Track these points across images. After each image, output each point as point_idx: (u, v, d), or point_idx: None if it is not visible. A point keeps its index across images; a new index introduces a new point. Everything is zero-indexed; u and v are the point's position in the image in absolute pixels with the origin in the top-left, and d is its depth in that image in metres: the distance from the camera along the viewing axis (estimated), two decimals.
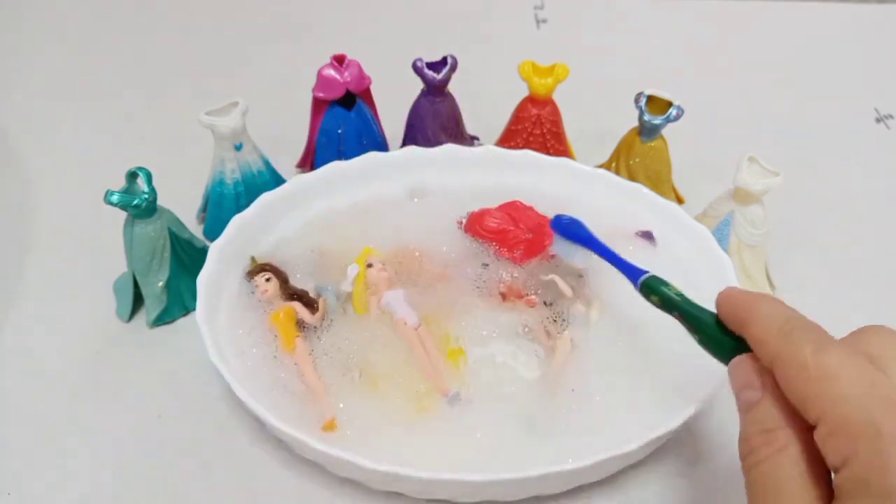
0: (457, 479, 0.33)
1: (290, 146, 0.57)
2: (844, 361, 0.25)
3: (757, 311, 0.29)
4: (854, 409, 0.23)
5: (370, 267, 0.43)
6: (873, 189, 0.58)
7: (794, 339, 0.26)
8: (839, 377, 0.24)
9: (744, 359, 0.28)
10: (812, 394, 0.25)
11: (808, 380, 0.25)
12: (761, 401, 0.27)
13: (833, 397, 0.24)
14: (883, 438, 0.22)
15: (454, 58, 0.51)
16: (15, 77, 0.69)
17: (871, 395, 0.24)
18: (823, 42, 0.75)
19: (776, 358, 0.26)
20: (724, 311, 0.30)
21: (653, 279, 0.35)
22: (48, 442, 0.40)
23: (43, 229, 0.53)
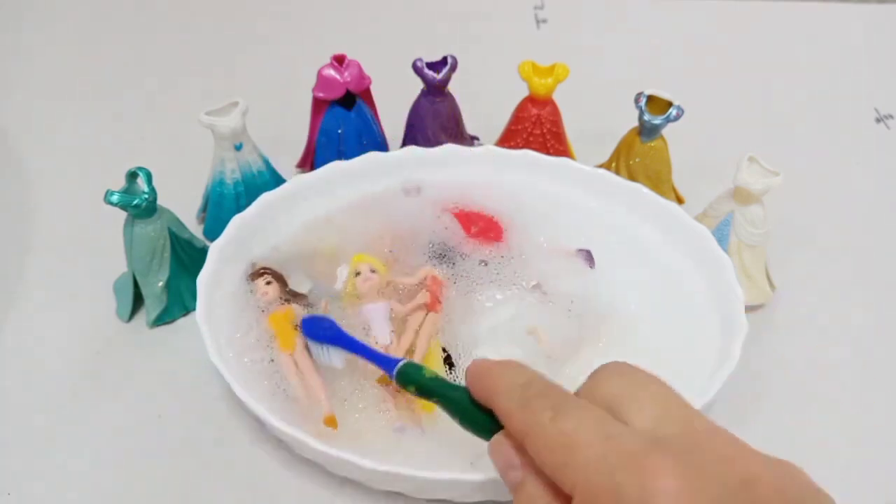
0: (457, 479, 0.33)
1: (290, 146, 0.57)
2: (581, 423, 0.25)
3: (499, 381, 0.28)
4: (596, 474, 0.23)
5: (357, 275, 0.43)
6: (873, 189, 0.58)
7: (534, 407, 0.26)
8: (578, 442, 0.24)
9: (500, 438, 0.28)
10: (560, 465, 0.24)
11: (553, 451, 0.25)
12: (524, 480, 0.26)
13: (576, 466, 0.24)
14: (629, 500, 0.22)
15: (454, 58, 0.51)
16: (15, 77, 0.68)
17: (609, 454, 0.23)
18: (823, 42, 0.75)
19: (521, 432, 0.26)
20: (472, 385, 0.29)
21: (409, 366, 0.34)
22: (48, 442, 0.40)
23: (43, 229, 0.53)
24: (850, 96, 0.68)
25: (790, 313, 0.48)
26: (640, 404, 0.26)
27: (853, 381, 0.44)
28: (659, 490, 0.22)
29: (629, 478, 0.23)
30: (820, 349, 0.46)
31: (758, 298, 0.47)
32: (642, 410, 0.25)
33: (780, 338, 0.46)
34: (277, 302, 0.42)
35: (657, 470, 0.22)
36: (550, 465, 0.25)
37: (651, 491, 0.22)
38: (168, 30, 0.75)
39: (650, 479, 0.22)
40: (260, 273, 0.43)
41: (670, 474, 0.22)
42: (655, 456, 0.23)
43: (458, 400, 0.30)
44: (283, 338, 0.40)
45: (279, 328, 0.41)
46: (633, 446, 0.24)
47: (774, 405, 0.42)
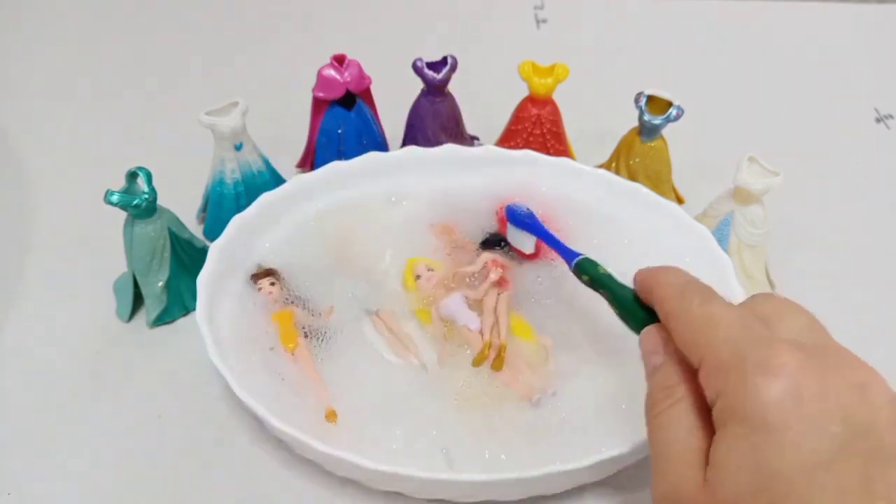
0: (457, 479, 0.33)
1: (290, 146, 0.57)
2: (725, 310, 0.27)
3: (661, 277, 0.31)
4: (728, 346, 0.26)
5: (418, 278, 0.44)
6: (873, 189, 0.58)
7: (686, 295, 0.29)
8: (718, 323, 0.27)
9: (651, 328, 0.30)
10: (695, 340, 0.27)
11: (693, 328, 0.27)
12: (664, 363, 0.29)
13: (712, 340, 0.26)
14: (747, 368, 0.24)
15: (454, 58, 0.51)
16: (15, 77, 0.69)
17: (743, 335, 0.26)
18: (823, 42, 0.75)
19: (670, 313, 0.29)
20: (639, 279, 0.32)
21: (585, 261, 0.38)
22: (48, 442, 0.40)
23: (43, 229, 0.53)
24: (850, 96, 0.68)
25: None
26: (786, 321, 0.27)
27: None
28: (780, 364, 0.24)
29: (756, 351, 0.25)
30: None
31: None
32: (788, 325, 0.27)
33: None
34: (281, 302, 0.43)
35: (783, 350, 0.24)
36: (688, 340, 0.27)
37: (773, 363, 0.24)
38: (168, 30, 0.75)
39: (775, 354, 0.24)
40: (265, 273, 0.43)
41: (794, 355, 0.24)
42: (784, 344, 0.25)
43: (622, 295, 0.34)
44: (286, 336, 0.41)
45: (282, 326, 0.41)
46: (765, 333, 0.26)
47: None
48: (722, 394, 0.25)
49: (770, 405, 0.23)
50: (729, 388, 0.24)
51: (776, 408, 0.23)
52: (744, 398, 0.24)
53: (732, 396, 0.24)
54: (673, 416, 0.27)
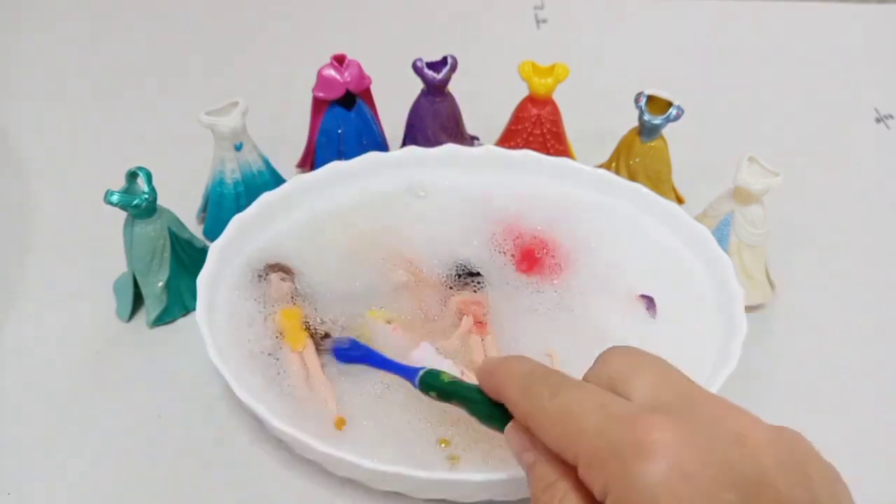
0: (457, 479, 0.33)
1: (290, 146, 0.57)
2: (577, 396, 0.26)
3: (503, 374, 0.30)
4: (594, 437, 0.25)
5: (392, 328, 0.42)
6: (873, 189, 0.58)
7: (534, 391, 0.28)
8: (575, 413, 0.26)
9: (513, 425, 0.29)
10: (561, 437, 0.26)
11: (553, 425, 0.26)
12: (536, 460, 0.28)
13: (576, 434, 0.25)
14: (624, 456, 0.23)
15: (454, 58, 0.51)
16: (15, 77, 0.68)
17: (606, 420, 0.25)
18: (823, 42, 0.75)
19: (526, 416, 0.28)
20: (482, 382, 0.31)
21: (428, 374, 0.35)
22: (48, 442, 0.40)
23: (43, 229, 0.53)
24: (850, 96, 0.68)
25: (790, 313, 0.48)
26: (639, 379, 0.27)
27: (853, 380, 0.44)
28: (654, 442, 0.23)
29: (625, 435, 0.24)
30: (820, 349, 0.46)
31: (758, 298, 0.47)
32: (642, 384, 0.26)
33: (780, 338, 0.46)
34: (288, 299, 0.43)
35: (651, 426, 0.24)
36: (553, 439, 0.26)
37: (646, 444, 0.23)
38: (168, 30, 0.75)
39: (644, 433, 0.23)
40: (278, 267, 0.44)
41: (664, 428, 0.23)
42: (649, 415, 0.24)
43: (475, 399, 0.32)
44: (292, 337, 0.41)
45: (289, 327, 0.41)
46: (627, 410, 0.25)
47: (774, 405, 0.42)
48: (609, 489, 0.24)
49: (659, 490, 0.22)
50: (614, 482, 0.24)
51: (666, 491, 0.22)
52: (631, 489, 0.23)
53: (620, 490, 0.23)
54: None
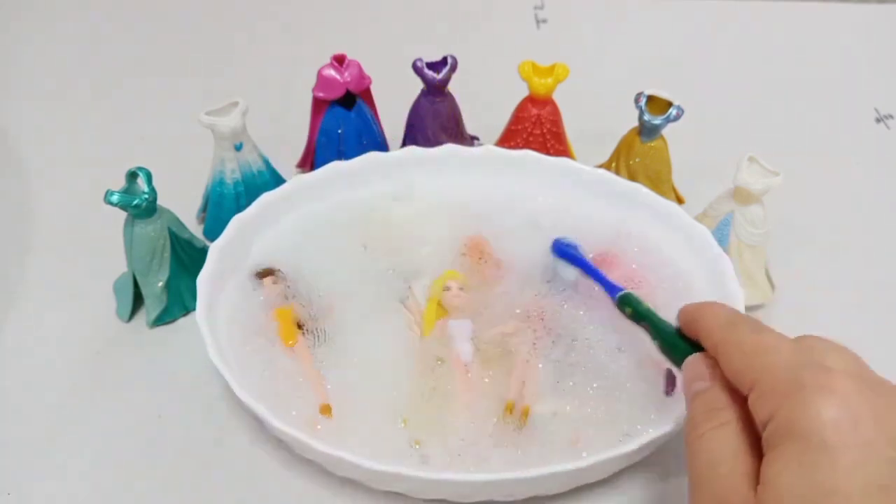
0: (457, 479, 0.33)
1: (290, 146, 0.57)
2: (778, 339, 0.28)
3: (708, 310, 0.32)
4: (782, 371, 0.26)
5: (447, 290, 0.43)
6: (873, 189, 0.58)
7: (738, 325, 0.30)
8: (770, 350, 0.27)
9: (696, 356, 0.31)
10: (748, 365, 0.27)
11: (745, 355, 0.28)
12: (710, 387, 0.29)
13: (765, 366, 0.27)
14: (805, 389, 0.25)
15: (454, 58, 0.51)
16: (15, 77, 0.69)
17: (800, 361, 0.26)
18: (823, 42, 0.75)
19: (720, 343, 0.29)
20: (684, 312, 0.33)
21: (628, 295, 0.39)
22: (48, 442, 0.40)
23: (43, 229, 0.53)
24: (850, 96, 0.68)
25: (790, 313, 0.48)
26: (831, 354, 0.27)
27: None
28: (835, 388, 0.24)
29: (811, 376, 0.25)
30: None
31: (758, 298, 0.47)
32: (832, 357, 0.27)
33: None
34: (282, 299, 0.43)
35: (837, 377, 0.25)
36: (739, 367, 0.28)
37: (831, 387, 0.24)
38: (168, 30, 0.75)
39: (829, 380, 0.25)
40: (267, 273, 0.44)
41: (848, 382, 0.25)
42: (840, 372, 0.25)
43: (664, 328, 0.35)
44: (285, 332, 0.41)
45: (283, 322, 0.41)
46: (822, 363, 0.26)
47: None
48: (776, 414, 0.25)
49: (828, 425, 0.23)
50: (784, 408, 0.25)
51: (835, 428, 0.23)
52: (801, 417, 0.24)
53: (789, 416, 0.24)
54: (719, 437, 0.27)
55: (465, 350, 0.41)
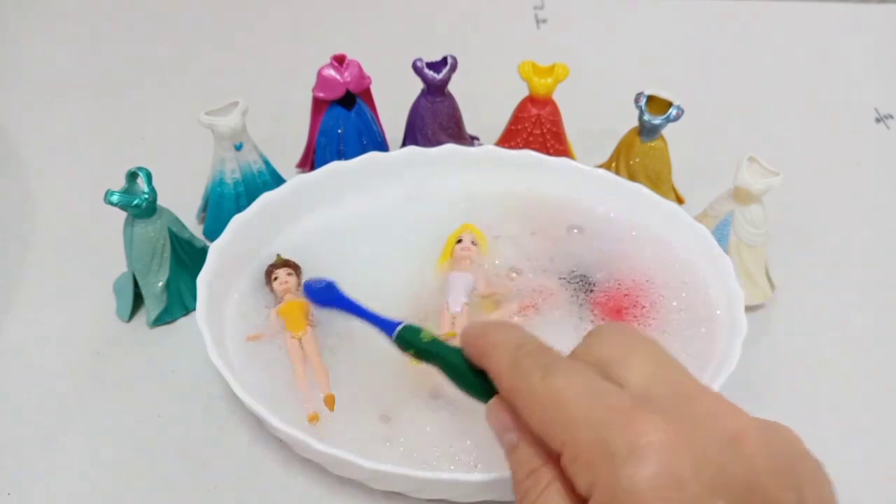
0: (457, 479, 0.33)
1: (290, 146, 0.57)
2: (570, 381, 0.25)
3: (492, 343, 0.28)
4: (583, 430, 0.23)
5: (459, 242, 0.45)
6: (873, 189, 0.58)
7: (524, 368, 0.26)
8: (566, 400, 0.24)
9: (496, 402, 0.28)
10: (548, 422, 0.24)
11: (542, 409, 0.25)
12: (519, 442, 0.26)
13: (564, 422, 0.24)
14: (613, 458, 0.22)
15: (454, 58, 0.51)
16: (15, 77, 0.69)
17: (596, 410, 0.23)
18: (823, 42, 0.75)
19: (511, 392, 0.26)
20: (466, 346, 0.29)
21: (406, 329, 0.33)
22: (48, 442, 0.40)
23: (43, 229, 0.53)
24: (850, 96, 0.68)
25: (790, 313, 0.48)
26: (632, 365, 0.25)
27: (853, 380, 0.44)
28: (645, 444, 0.22)
29: (616, 433, 0.23)
30: (820, 349, 0.46)
31: (758, 298, 0.47)
32: (634, 370, 0.25)
33: (780, 338, 0.46)
34: (294, 292, 0.43)
35: (644, 425, 0.22)
36: (539, 423, 0.25)
37: (638, 445, 0.22)
38: (168, 30, 0.75)
39: (637, 434, 0.22)
40: (283, 264, 0.44)
41: (657, 429, 0.22)
42: (642, 412, 0.23)
43: (455, 363, 0.30)
44: (293, 323, 0.41)
45: (292, 315, 0.42)
46: (620, 403, 0.24)
47: (774, 405, 0.42)
48: (596, 485, 0.23)
49: (648, 497, 0.21)
50: (601, 481, 0.22)
51: (657, 495, 0.21)
52: (619, 492, 0.22)
53: (607, 492, 0.22)
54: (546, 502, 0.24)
55: (456, 299, 0.42)
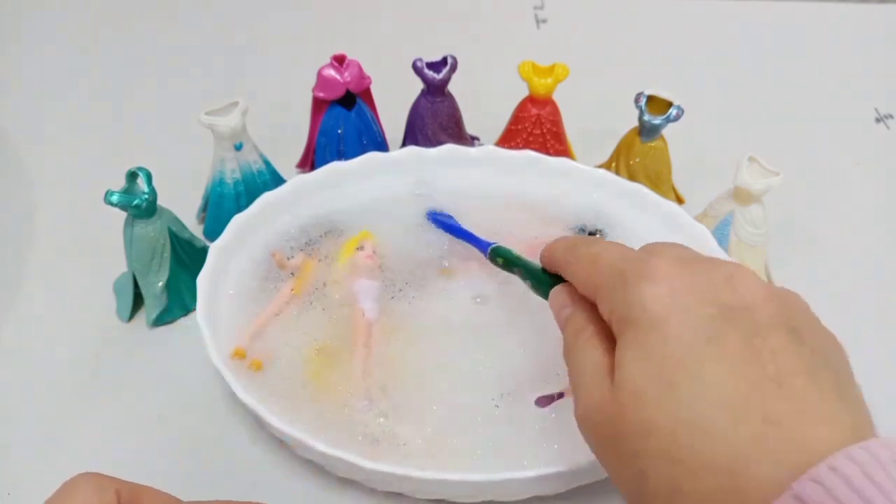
0: (457, 480, 0.33)
1: (290, 146, 0.57)
2: (605, 245, 0.31)
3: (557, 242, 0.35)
4: (609, 270, 0.29)
5: (360, 250, 0.45)
6: (873, 189, 0.58)
7: (576, 246, 0.33)
8: (601, 255, 0.30)
9: (558, 287, 0.33)
10: (588, 276, 0.30)
11: (584, 267, 0.31)
12: (573, 312, 0.31)
13: (599, 270, 0.29)
14: (627, 279, 0.27)
15: (454, 58, 0.51)
16: (15, 77, 0.69)
17: (622, 258, 0.29)
18: (823, 42, 0.75)
19: (566, 264, 0.33)
20: (542, 257, 0.36)
21: (497, 247, 0.41)
22: (48, 442, 0.40)
23: (43, 229, 0.53)
24: (850, 96, 0.68)
25: None
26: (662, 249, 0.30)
27: None
28: (654, 269, 0.27)
29: (633, 266, 0.28)
30: None
31: None
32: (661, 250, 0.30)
33: None
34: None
35: (657, 262, 0.27)
36: (582, 279, 0.31)
37: (647, 271, 0.27)
38: (168, 30, 0.75)
39: (649, 266, 0.27)
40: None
41: (666, 263, 0.27)
42: (657, 257, 0.28)
43: (533, 268, 0.37)
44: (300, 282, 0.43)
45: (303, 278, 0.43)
46: (643, 255, 0.29)
47: None
48: (613, 309, 0.27)
49: (650, 304, 0.26)
50: (617, 301, 0.27)
51: (656, 304, 0.26)
52: (630, 304, 0.27)
53: (621, 307, 0.27)
54: (583, 348, 0.29)
55: (370, 308, 0.42)
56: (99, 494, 0.27)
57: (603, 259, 0.30)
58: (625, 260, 0.29)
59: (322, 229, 0.47)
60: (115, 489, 0.28)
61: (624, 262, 0.29)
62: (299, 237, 0.46)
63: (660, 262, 0.27)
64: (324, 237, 0.46)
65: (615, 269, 0.28)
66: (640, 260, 0.28)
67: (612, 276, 0.28)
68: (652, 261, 0.28)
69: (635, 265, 0.28)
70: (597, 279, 0.29)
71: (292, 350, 0.40)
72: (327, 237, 0.46)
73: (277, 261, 0.44)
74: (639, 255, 0.29)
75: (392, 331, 0.42)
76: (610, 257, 0.30)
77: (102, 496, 0.27)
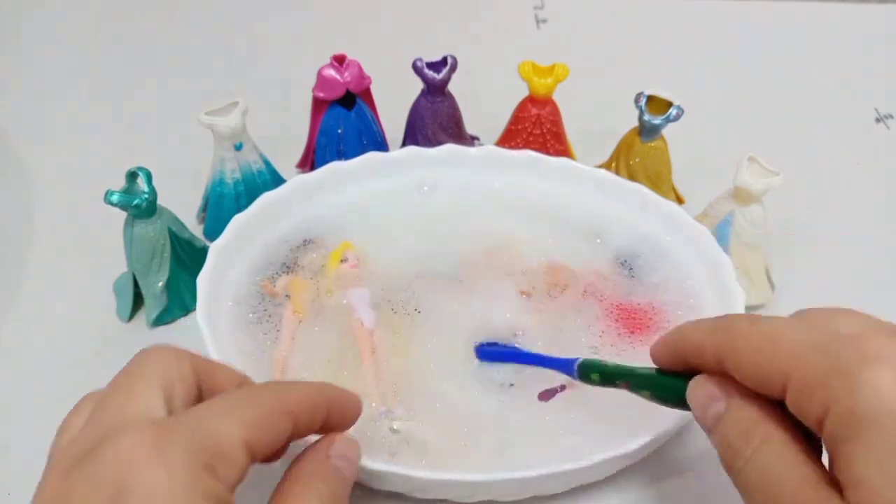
0: (457, 480, 0.33)
1: (290, 146, 0.56)
2: (781, 321, 0.25)
3: (682, 330, 0.29)
4: (811, 354, 0.23)
5: (344, 262, 0.45)
6: (873, 189, 0.58)
7: (730, 323, 0.26)
8: (783, 332, 0.24)
9: (699, 378, 0.27)
10: (767, 360, 0.24)
11: (757, 350, 0.24)
12: (729, 406, 0.26)
13: (787, 352, 0.24)
14: (851, 368, 0.22)
15: (454, 58, 0.51)
16: (15, 77, 0.69)
17: (819, 337, 0.23)
18: (823, 42, 0.75)
19: (720, 351, 0.26)
20: (658, 347, 0.30)
21: (589, 361, 0.35)
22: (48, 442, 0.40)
23: (43, 229, 0.53)
24: (850, 96, 0.68)
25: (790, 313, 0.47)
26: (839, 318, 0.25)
27: None
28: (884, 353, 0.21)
29: (851, 349, 0.22)
30: None
31: (758, 298, 0.47)
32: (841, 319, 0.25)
33: None
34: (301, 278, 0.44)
35: (880, 341, 0.22)
36: (756, 367, 0.24)
37: (876, 355, 0.21)
38: (168, 30, 0.75)
39: (874, 348, 0.22)
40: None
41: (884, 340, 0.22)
42: (871, 332, 0.23)
43: (644, 373, 0.31)
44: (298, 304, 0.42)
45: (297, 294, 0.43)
46: (849, 329, 0.23)
47: None
48: (832, 406, 0.22)
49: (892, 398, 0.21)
50: (840, 395, 0.21)
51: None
52: (863, 400, 0.21)
53: (848, 402, 0.21)
54: (767, 457, 0.24)
55: (367, 315, 0.42)
56: (176, 364, 0.26)
57: (790, 340, 0.24)
58: (829, 341, 0.23)
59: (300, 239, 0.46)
60: (191, 361, 0.27)
61: (830, 344, 0.23)
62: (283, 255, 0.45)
63: (874, 336, 0.22)
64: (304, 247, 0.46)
65: (821, 355, 0.23)
66: (850, 339, 0.23)
67: (823, 363, 0.22)
68: (864, 339, 0.22)
69: (849, 347, 0.22)
70: (790, 367, 0.23)
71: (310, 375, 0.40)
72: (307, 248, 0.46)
73: (269, 291, 0.43)
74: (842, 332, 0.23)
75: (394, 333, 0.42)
76: (802, 335, 0.24)
77: (179, 366, 0.26)
